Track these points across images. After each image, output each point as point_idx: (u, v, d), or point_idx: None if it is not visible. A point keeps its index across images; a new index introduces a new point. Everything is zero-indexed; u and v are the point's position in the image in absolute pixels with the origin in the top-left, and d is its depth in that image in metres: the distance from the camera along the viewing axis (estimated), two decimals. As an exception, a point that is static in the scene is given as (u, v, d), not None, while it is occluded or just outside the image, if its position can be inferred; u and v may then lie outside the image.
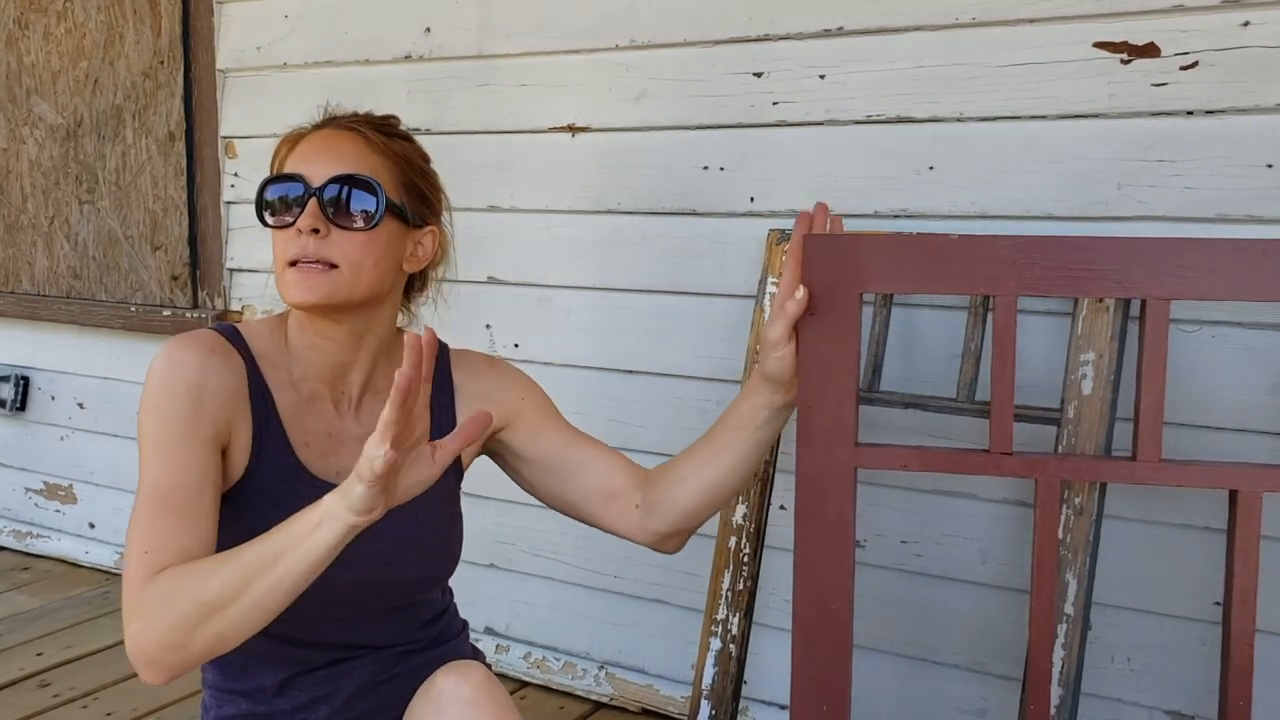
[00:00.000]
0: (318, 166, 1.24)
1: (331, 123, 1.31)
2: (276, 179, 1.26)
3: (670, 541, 1.37)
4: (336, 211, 1.22)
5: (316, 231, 1.22)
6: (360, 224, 1.24)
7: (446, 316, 1.52)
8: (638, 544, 1.38)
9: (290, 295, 1.24)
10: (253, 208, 1.29)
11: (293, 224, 1.23)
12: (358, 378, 1.32)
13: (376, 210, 1.25)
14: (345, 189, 1.23)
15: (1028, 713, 1.33)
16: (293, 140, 1.30)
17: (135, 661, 1.12)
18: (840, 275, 1.21)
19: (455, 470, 1.40)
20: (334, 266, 1.23)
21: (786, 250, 1.25)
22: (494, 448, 1.43)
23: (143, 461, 1.19)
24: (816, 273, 1.22)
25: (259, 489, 1.24)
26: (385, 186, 1.25)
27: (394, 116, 1.35)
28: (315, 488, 1.24)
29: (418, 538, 1.32)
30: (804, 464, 1.24)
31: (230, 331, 1.29)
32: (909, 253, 1.22)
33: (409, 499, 1.08)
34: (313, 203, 1.22)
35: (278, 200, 1.25)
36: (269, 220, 1.26)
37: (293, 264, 1.23)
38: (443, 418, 1.36)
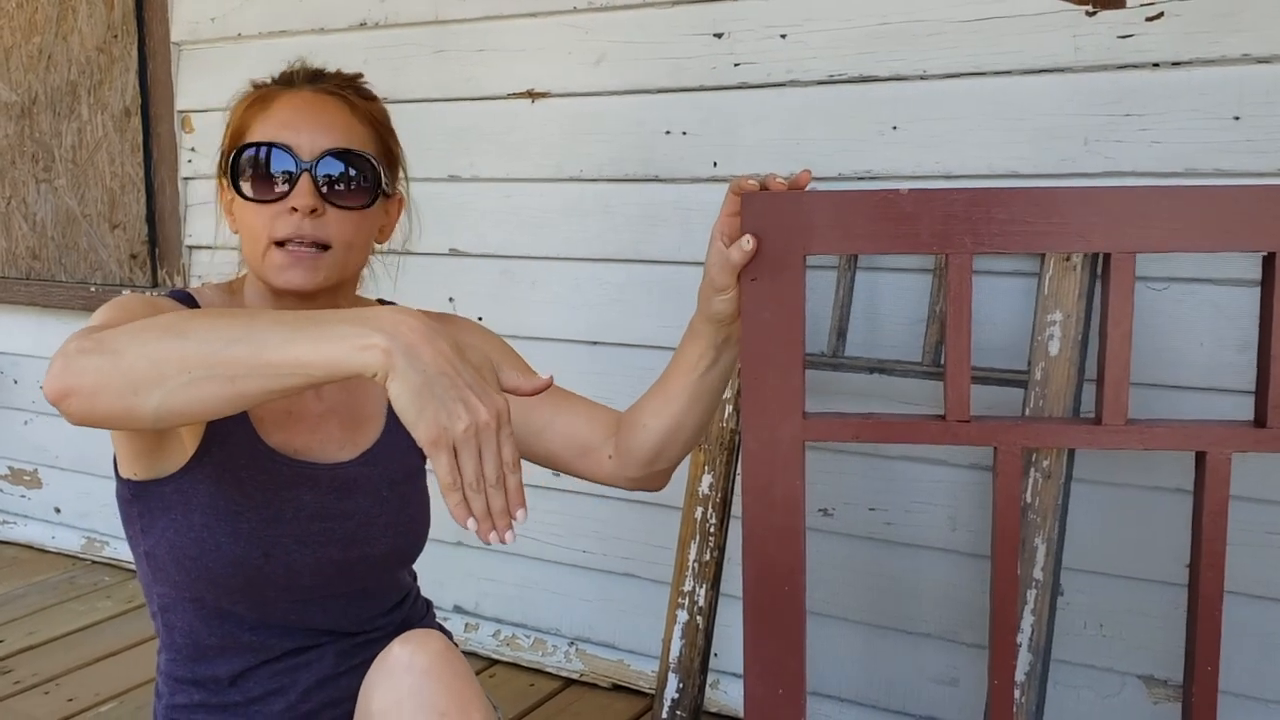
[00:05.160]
0: (306, 136, 1.16)
1: (310, 83, 1.21)
2: (258, 145, 1.15)
3: (652, 481, 1.33)
4: (332, 190, 1.15)
5: (314, 211, 1.15)
6: (358, 204, 1.18)
7: (408, 289, 1.48)
8: (625, 489, 1.35)
9: (281, 279, 1.16)
10: (211, 182, 1.21)
11: (279, 199, 1.15)
12: None
13: (374, 189, 1.19)
14: (343, 166, 1.16)
15: (992, 685, 1.29)
16: (264, 100, 1.19)
17: (56, 381, 0.92)
18: (783, 236, 1.16)
19: (418, 448, 1.35)
20: (326, 247, 1.16)
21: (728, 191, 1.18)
22: None
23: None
24: (757, 233, 1.16)
25: (220, 464, 1.18)
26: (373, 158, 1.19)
27: (362, 75, 1.28)
28: (276, 462, 1.21)
29: (382, 514, 1.28)
30: (750, 439, 1.19)
31: (185, 298, 1.22)
32: (857, 210, 1.16)
33: None
34: (306, 180, 1.14)
35: (259, 170, 1.15)
36: (248, 191, 1.15)
37: (279, 243, 1.15)
38: None
